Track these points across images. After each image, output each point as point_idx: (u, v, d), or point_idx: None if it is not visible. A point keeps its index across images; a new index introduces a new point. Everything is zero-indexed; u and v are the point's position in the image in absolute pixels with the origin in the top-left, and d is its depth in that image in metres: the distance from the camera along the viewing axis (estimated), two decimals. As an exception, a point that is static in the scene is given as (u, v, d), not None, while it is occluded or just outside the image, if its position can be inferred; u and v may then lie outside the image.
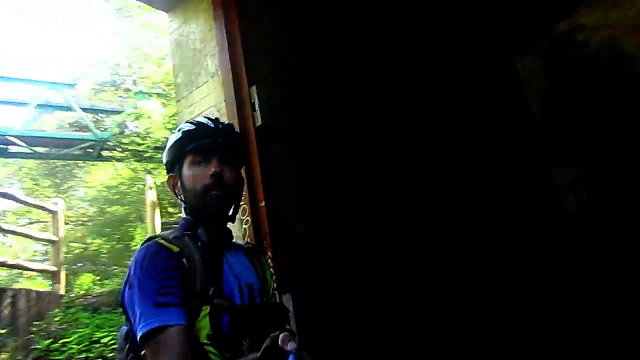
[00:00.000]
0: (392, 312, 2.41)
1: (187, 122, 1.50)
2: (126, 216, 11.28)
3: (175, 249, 1.29)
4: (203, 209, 1.39)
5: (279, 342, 1.07)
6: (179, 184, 1.45)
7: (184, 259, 1.28)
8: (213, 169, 1.38)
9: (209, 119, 1.49)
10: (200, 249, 1.32)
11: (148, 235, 1.43)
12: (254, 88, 1.99)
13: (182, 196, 1.44)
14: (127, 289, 1.28)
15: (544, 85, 3.78)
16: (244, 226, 1.90)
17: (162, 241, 1.32)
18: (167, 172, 1.51)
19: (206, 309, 1.26)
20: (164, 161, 1.52)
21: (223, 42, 2.06)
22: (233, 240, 1.50)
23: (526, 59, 3.89)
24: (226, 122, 1.53)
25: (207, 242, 1.35)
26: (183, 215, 1.47)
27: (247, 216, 1.87)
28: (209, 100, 2.16)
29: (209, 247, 1.35)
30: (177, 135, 1.46)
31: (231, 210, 1.46)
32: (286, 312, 1.45)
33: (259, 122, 1.97)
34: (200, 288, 1.26)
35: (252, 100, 1.99)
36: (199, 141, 1.41)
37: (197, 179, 1.39)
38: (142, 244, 1.35)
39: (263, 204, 1.90)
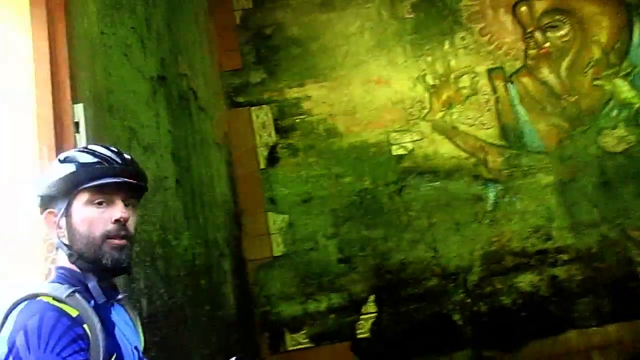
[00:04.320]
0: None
1: (81, 150, 1.21)
2: None
3: (74, 312, 1.04)
4: (99, 260, 1.14)
5: None
6: (62, 223, 1.16)
7: (85, 325, 1.04)
8: (119, 214, 1.17)
9: (110, 149, 1.23)
10: (96, 311, 1.08)
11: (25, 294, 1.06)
12: (80, 106, 1.63)
13: (64, 239, 1.15)
14: None
15: (272, 138, 4.31)
16: (50, 265, 1.54)
17: (56, 303, 1.03)
18: (42, 206, 1.19)
19: None
20: (41, 193, 1.18)
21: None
22: None
23: (260, 111, 4.36)
24: (128, 155, 1.26)
25: (101, 302, 1.13)
26: (61, 262, 1.17)
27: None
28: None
29: (103, 307, 1.14)
30: (69, 166, 1.16)
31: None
32: None
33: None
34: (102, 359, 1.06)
35: (76, 120, 1.62)
36: (101, 179, 1.15)
37: (95, 224, 1.15)
38: (20, 303, 1.04)
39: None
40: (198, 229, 2.69)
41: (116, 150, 1.24)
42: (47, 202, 1.18)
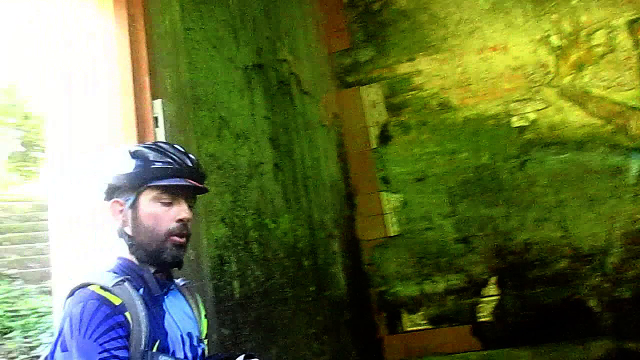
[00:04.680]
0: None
1: (153, 148, 1.25)
2: None
3: (117, 300, 1.10)
4: (159, 254, 1.21)
5: None
6: (127, 215, 1.22)
7: (127, 313, 1.10)
8: (183, 215, 1.23)
9: (178, 149, 1.27)
10: (144, 300, 1.15)
11: (80, 282, 1.15)
12: (158, 101, 1.73)
13: (127, 230, 1.22)
14: (58, 350, 1.07)
15: (383, 116, 4.23)
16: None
17: (101, 292, 1.10)
18: (107, 194, 1.27)
19: None
20: (108, 182, 1.25)
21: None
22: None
23: (370, 89, 4.29)
24: (192, 156, 1.30)
25: (156, 294, 1.21)
26: (121, 252, 1.25)
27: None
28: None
29: (153, 297, 1.20)
30: (140, 162, 1.21)
31: None
32: None
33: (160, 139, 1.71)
34: (144, 345, 1.11)
35: (155, 115, 1.73)
36: (171, 179, 1.21)
37: (160, 220, 1.21)
38: (75, 291, 1.12)
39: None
40: (300, 212, 2.74)
41: (183, 150, 1.28)
42: (112, 191, 1.25)
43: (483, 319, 3.79)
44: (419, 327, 3.92)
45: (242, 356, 1.15)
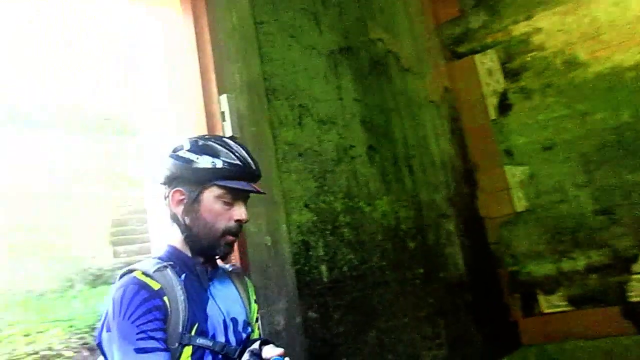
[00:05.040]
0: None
1: (224, 146, 1.28)
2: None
3: (156, 285, 1.16)
4: (212, 249, 1.27)
5: (262, 355, 1.14)
6: (188, 206, 1.27)
7: (166, 297, 1.16)
8: (243, 216, 1.28)
9: (245, 149, 1.31)
10: (185, 285, 1.20)
11: (127, 268, 1.24)
12: (224, 97, 1.78)
13: (185, 220, 1.27)
14: (104, 331, 1.16)
15: (501, 84, 3.92)
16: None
17: (142, 277, 1.17)
18: (166, 182, 1.31)
19: (188, 350, 1.16)
20: (173, 170, 1.28)
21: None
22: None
23: (485, 57, 4.00)
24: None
25: (206, 286, 1.28)
26: (172, 240, 1.30)
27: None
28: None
29: (198, 282, 1.26)
30: (211, 160, 1.25)
31: None
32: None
33: (228, 133, 1.73)
34: (182, 328, 1.16)
35: (222, 110, 1.78)
36: (239, 183, 1.26)
37: (219, 218, 1.26)
38: (120, 278, 1.20)
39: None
40: (403, 193, 2.66)
41: (248, 150, 1.32)
42: (173, 179, 1.29)
43: (636, 299, 3.34)
44: (559, 309, 3.59)
45: (258, 342, 1.18)
